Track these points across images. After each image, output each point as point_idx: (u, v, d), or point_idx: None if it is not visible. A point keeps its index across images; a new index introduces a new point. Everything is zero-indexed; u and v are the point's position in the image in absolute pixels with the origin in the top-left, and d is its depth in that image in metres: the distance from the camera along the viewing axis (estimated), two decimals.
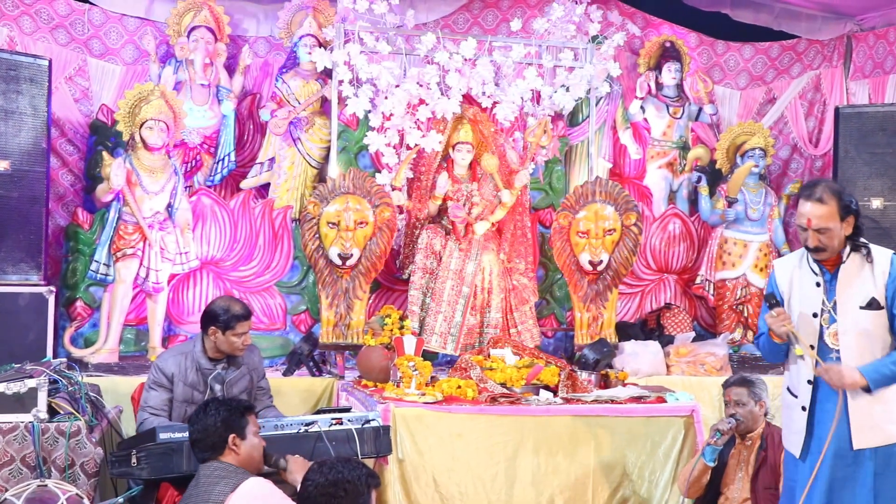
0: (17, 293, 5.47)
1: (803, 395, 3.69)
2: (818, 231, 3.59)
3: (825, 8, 7.87)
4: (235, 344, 4.50)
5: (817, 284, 3.67)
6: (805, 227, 3.61)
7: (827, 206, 3.59)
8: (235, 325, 4.48)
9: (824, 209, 3.59)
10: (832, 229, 3.59)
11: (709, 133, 8.00)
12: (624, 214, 6.36)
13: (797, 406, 3.71)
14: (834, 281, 3.65)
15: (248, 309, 4.61)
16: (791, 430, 3.76)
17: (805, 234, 3.64)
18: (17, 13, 6.74)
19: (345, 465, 3.24)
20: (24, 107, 5.59)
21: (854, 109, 6.79)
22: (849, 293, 3.61)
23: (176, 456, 3.92)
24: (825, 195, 3.60)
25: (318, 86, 7.01)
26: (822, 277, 3.67)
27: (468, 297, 6.33)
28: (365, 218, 5.98)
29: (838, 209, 3.60)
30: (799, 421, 3.70)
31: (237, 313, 4.49)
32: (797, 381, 3.72)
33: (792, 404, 3.76)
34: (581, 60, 6.78)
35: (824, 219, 3.58)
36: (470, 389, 5.21)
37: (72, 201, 6.75)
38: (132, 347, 6.41)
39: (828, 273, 3.67)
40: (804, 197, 3.66)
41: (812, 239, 3.61)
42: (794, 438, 3.73)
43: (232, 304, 4.57)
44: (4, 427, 4.17)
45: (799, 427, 3.70)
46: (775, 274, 3.87)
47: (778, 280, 3.83)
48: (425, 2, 7.37)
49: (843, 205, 3.61)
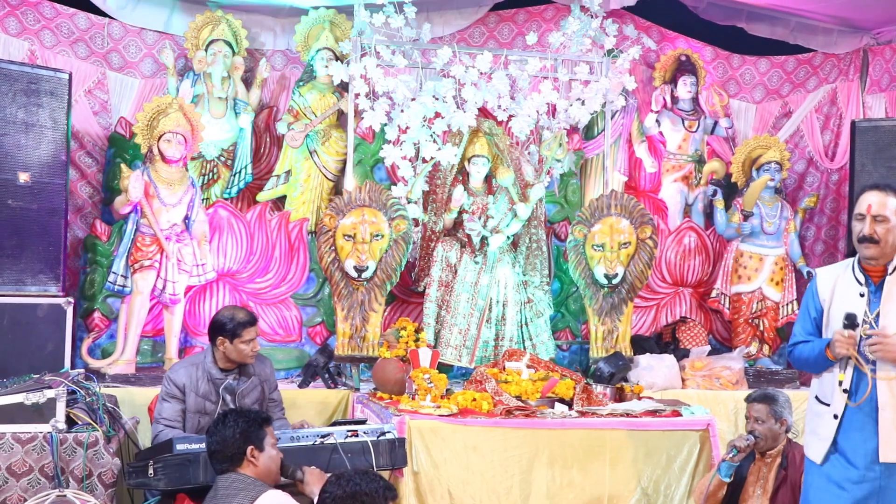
0: (36, 304, 5.50)
1: (837, 404, 3.62)
2: (875, 219, 3.54)
3: (841, 21, 7.86)
4: (244, 351, 4.52)
5: (861, 294, 3.61)
6: (864, 213, 3.55)
7: (890, 198, 3.56)
8: (242, 332, 4.51)
9: (886, 198, 3.55)
10: (890, 221, 3.54)
11: (724, 146, 7.99)
12: (639, 228, 6.36)
13: (828, 414, 3.64)
14: (878, 292, 3.59)
15: (253, 315, 4.65)
16: (817, 437, 3.70)
17: (860, 226, 3.57)
18: (38, 27, 6.81)
19: (362, 477, 3.24)
20: (45, 120, 5.65)
21: (870, 123, 6.78)
22: (892, 305, 3.56)
23: (193, 467, 3.94)
24: (889, 189, 3.59)
25: (335, 99, 7.05)
26: (867, 288, 3.61)
27: (483, 310, 6.34)
28: (381, 230, 6.00)
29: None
30: (827, 428, 3.64)
31: (242, 320, 4.53)
32: (830, 389, 3.65)
33: (821, 412, 3.69)
34: (596, 74, 6.79)
35: (885, 207, 3.54)
36: (485, 402, 5.21)
37: (90, 213, 6.80)
38: (149, 359, 6.44)
39: (872, 284, 3.61)
40: (869, 188, 3.62)
41: (868, 226, 3.54)
42: (817, 445, 3.68)
43: (236, 312, 4.60)
44: (23, 437, 4.20)
45: (826, 434, 3.64)
46: (817, 281, 3.79)
47: (819, 287, 3.76)
48: (441, 16, 7.40)
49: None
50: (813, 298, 3.77)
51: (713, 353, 6.79)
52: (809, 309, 3.79)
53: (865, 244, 3.56)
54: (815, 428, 3.73)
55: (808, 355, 3.73)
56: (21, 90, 5.57)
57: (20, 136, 5.55)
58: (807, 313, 3.80)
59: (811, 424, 3.77)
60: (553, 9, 7.64)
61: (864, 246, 3.57)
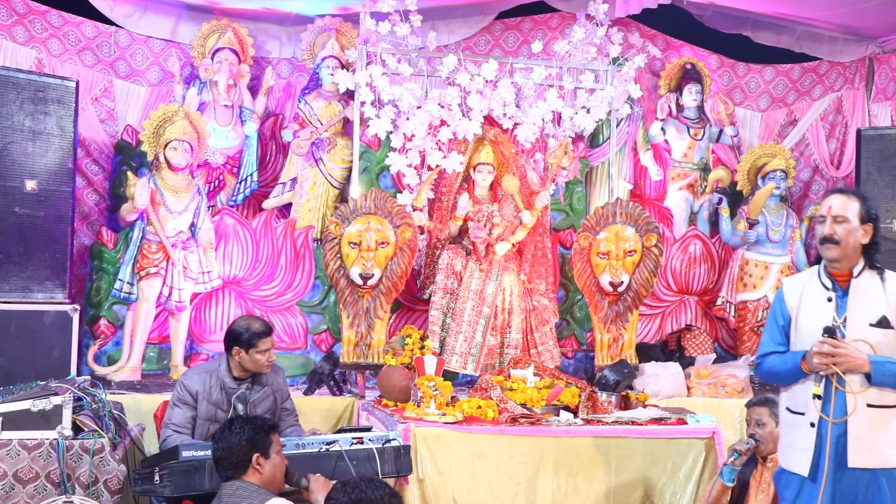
0: (43, 311, 5.53)
1: (811, 411, 3.54)
2: (836, 219, 3.53)
3: (847, 30, 7.87)
4: (260, 361, 4.52)
5: (829, 299, 3.58)
6: (824, 215, 3.55)
7: (851, 201, 3.55)
8: (258, 342, 4.50)
9: (848, 201, 3.55)
10: (850, 222, 3.52)
11: (730, 155, 8.00)
12: (644, 236, 6.36)
13: (804, 423, 3.57)
14: (845, 297, 3.56)
15: (269, 325, 4.62)
16: (797, 449, 3.59)
17: (821, 228, 3.56)
18: (45, 35, 6.84)
19: (368, 484, 3.23)
20: (52, 127, 5.67)
21: (876, 131, 6.77)
22: (860, 309, 3.53)
23: (199, 474, 3.93)
24: (852, 193, 3.61)
25: (341, 107, 7.07)
26: (834, 293, 3.58)
27: (489, 318, 6.34)
28: (386, 238, 6.01)
29: (860, 210, 3.55)
30: (807, 438, 3.55)
31: (258, 331, 4.51)
32: (802, 397, 3.58)
33: (797, 422, 3.61)
34: (602, 82, 6.80)
35: (846, 208, 3.53)
36: (490, 410, 5.21)
37: (96, 220, 6.83)
38: (155, 366, 6.46)
39: (839, 289, 3.58)
40: (831, 192, 3.65)
41: (829, 227, 3.53)
42: (800, 457, 3.58)
43: (252, 323, 4.58)
44: (30, 444, 4.21)
45: (807, 444, 3.55)
46: (784, 290, 3.75)
47: (786, 295, 3.71)
48: (447, 24, 7.43)
49: (865, 208, 3.57)
50: (780, 307, 3.72)
51: (718, 360, 6.79)
52: (777, 318, 3.73)
53: (826, 245, 3.55)
54: (792, 440, 3.63)
55: (780, 368, 3.66)
56: (28, 98, 5.59)
57: (27, 144, 5.58)
58: (774, 323, 3.74)
59: (787, 436, 3.69)
60: (558, 17, 7.67)
61: (825, 247, 3.56)
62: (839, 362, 3.42)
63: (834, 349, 3.41)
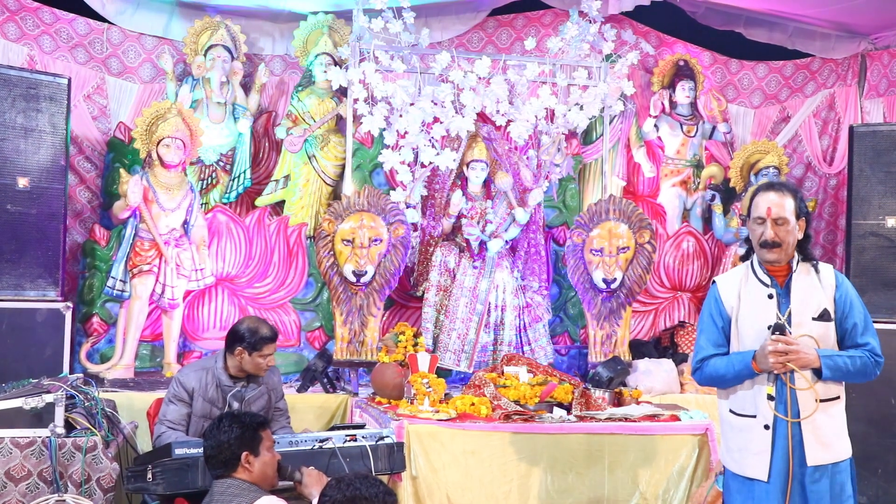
0: (35, 309, 5.52)
1: (764, 413, 3.43)
2: (776, 222, 3.43)
3: (839, 27, 7.88)
4: (261, 365, 4.52)
5: (769, 296, 3.49)
6: (763, 217, 3.45)
7: (787, 198, 3.46)
8: (262, 347, 4.49)
9: (784, 199, 3.46)
10: (790, 222, 3.45)
11: (723, 151, 8.01)
12: (638, 232, 6.37)
13: (757, 426, 3.44)
14: (785, 293, 3.48)
15: (275, 331, 4.62)
16: (750, 453, 3.46)
17: (761, 229, 3.46)
18: (37, 32, 6.82)
19: (362, 481, 3.22)
20: (44, 125, 5.66)
21: (868, 128, 6.77)
22: (802, 304, 3.46)
23: (191, 471, 3.94)
24: (784, 188, 3.50)
25: (334, 104, 7.06)
26: (774, 289, 3.49)
27: (482, 315, 6.35)
28: (379, 235, 6.01)
29: (795, 206, 3.47)
30: (761, 441, 3.43)
31: (265, 335, 4.50)
32: (753, 399, 3.46)
33: (747, 425, 3.48)
34: (595, 79, 6.81)
35: (784, 208, 3.44)
36: (483, 407, 5.22)
37: (89, 218, 6.81)
38: (147, 363, 6.45)
39: (778, 286, 3.50)
40: (764, 189, 3.52)
41: (770, 231, 3.43)
42: (755, 461, 3.45)
43: (260, 326, 4.55)
44: (22, 442, 4.20)
45: (762, 447, 3.43)
46: (718, 289, 3.62)
47: (723, 295, 3.59)
48: (440, 21, 7.41)
49: (799, 202, 3.49)
50: (718, 307, 3.59)
51: None
52: (714, 319, 3.60)
53: (768, 249, 3.46)
54: (743, 444, 3.49)
55: (724, 371, 3.51)
56: (20, 95, 5.58)
57: (19, 141, 5.56)
58: (712, 324, 3.60)
59: (736, 440, 3.53)
60: (552, 14, 7.66)
61: (766, 251, 3.47)
62: (792, 359, 3.35)
63: (787, 347, 3.34)
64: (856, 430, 5.88)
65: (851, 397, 6.06)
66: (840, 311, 3.49)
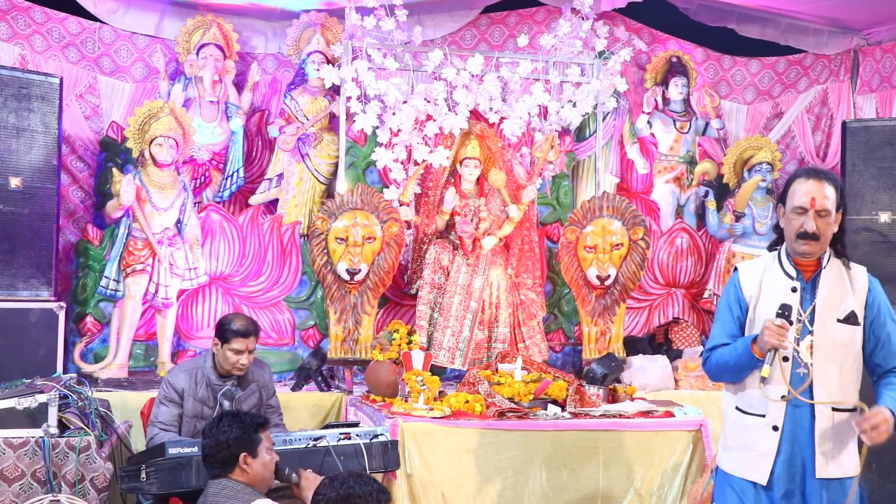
0: (28, 309, 5.51)
1: (774, 413, 3.22)
2: (819, 213, 3.18)
3: (832, 22, 7.89)
4: (231, 359, 4.49)
5: (793, 290, 3.24)
6: (806, 207, 3.18)
7: (829, 188, 3.20)
8: (231, 338, 4.47)
9: (828, 189, 3.20)
10: (831, 214, 3.20)
11: (716, 147, 8.02)
12: (631, 229, 6.37)
13: (765, 426, 3.24)
14: (811, 288, 3.25)
15: (251, 328, 4.57)
16: (753, 454, 3.26)
17: (801, 220, 3.20)
18: (28, 32, 6.80)
19: (356, 480, 3.23)
20: (36, 124, 5.64)
21: (861, 123, 6.79)
22: (828, 303, 3.23)
23: (185, 471, 3.93)
24: (827, 177, 3.23)
25: (327, 102, 7.05)
26: (799, 283, 3.25)
27: (476, 312, 6.34)
28: (373, 233, 6.01)
29: (837, 198, 3.23)
30: (767, 442, 3.23)
31: (236, 328, 4.48)
32: (763, 397, 3.22)
33: (753, 424, 3.27)
34: (588, 76, 6.81)
35: (829, 200, 3.19)
36: (478, 404, 5.22)
37: (82, 217, 6.80)
38: (141, 363, 6.44)
39: (804, 280, 3.26)
40: (804, 176, 3.25)
41: (812, 222, 3.17)
42: (757, 463, 3.25)
43: (236, 319, 4.57)
44: (15, 442, 4.19)
45: (766, 449, 3.23)
46: (739, 276, 3.38)
47: (743, 283, 3.35)
48: (432, 18, 7.41)
49: (841, 194, 3.25)
50: (737, 294, 3.35)
51: None
52: (731, 307, 3.36)
53: (806, 241, 3.20)
54: (746, 444, 3.30)
55: (728, 357, 3.29)
56: (12, 95, 5.56)
57: (11, 141, 5.55)
58: (728, 312, 3.37)
59: (739, 439, 3.34)
60: (544, 11, 7.66)
61: (803, 242, 3.20)
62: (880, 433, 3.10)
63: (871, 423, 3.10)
64: None
65: None
66: (871, 318, 3.26)
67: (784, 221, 3.31)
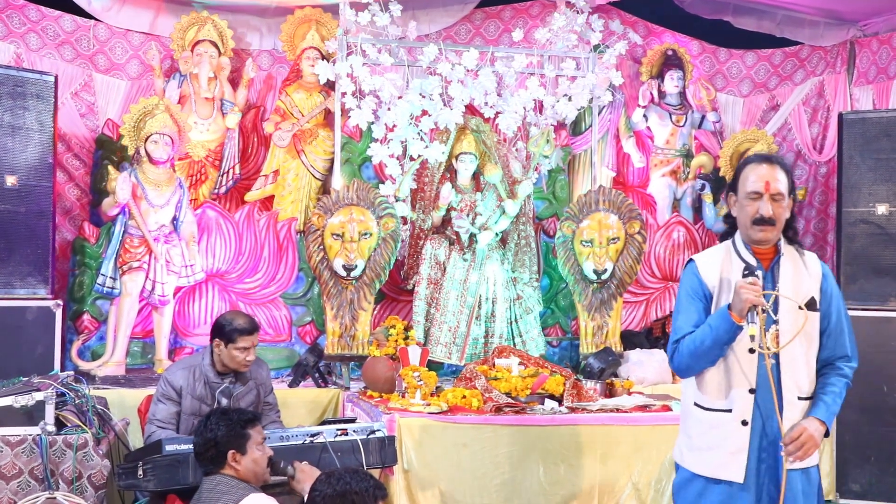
0: (25, 307, 5.50)
1: (742, 407, 3.14)
2: (774, 197, 3.13)
3: (828, 14, 7.88)
4: (237, 358, 4.49)
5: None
6: (760, 192, 3.13)
7: (781, 173, 3.16)
8: (237, 338, 4.47)
9: (782, 174, 3.16)
10: (785, 198, 3.16)
11: (712, 140, 8.01)
12: (628, 223, 6.37)
13: (732, 421, 3.15)
14: (770, 276, 3.19)
15: (254, 324, 4.58)
16: (725, 452, 3.16)
17: (755, 205, 3.13)
18: (23, 30, 6.79)
19: (352, 476, 3.23)
20: (31, 122, 5.63)
21: (858, 115, 6.77)
22: (788, 290, 3.16)
23: (182, 468, 3.93)
24: (778, 161, 3.19)
25: (322, 98, 7.05)
26: (759, 271, 3.15)
27: (473, 307, 6.35)
28: (369, 229, 6.01)
29: (788, 182, 3.18)
30: (737, 439, 3.14)
31: (239, 327, 4.48)
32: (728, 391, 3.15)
33: (719, 421, 3.17)
34: (583, 70, 6.80)
35: (782, 184, 3.14)
36: (475, 399, 5.22)
37: (78, 215, 6.79)
38: (139, 360, 6.44)
39: (763, 268, 3.19)
40: (756, 161, 3.19)
41: (767, 206, 3.12)
42: (730, 461, 3.15)
43: (237, 318, 4.57)
44: (13, 440, 4.19)
45: (738, 446, 3.13)
46: (697, 267, 3.27)
47: (703, 274, 3.25)
48: (427, 13, 7.39)
49: (791, 179, 3.20)
50: (700, 284, 3.24)
51: None
52: (694, 298, 3.24)
53: (762, 226, 3.14)
54: (715, 442, 3.18)
55: (703, 337, 3.12)
56: (7, 93, 5.55)
57: (6, 139, 5.54)
58: (691, 303, 3.24)
59: (704, 438, 3.21)
60: (539, 5, 7.65)
61: (759, 229, 3.14)
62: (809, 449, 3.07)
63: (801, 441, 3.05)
64: (848, 419, 5.96)
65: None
66: (825, 304, 3.23)
67: (737, 209, 3.25)
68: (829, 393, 3.18)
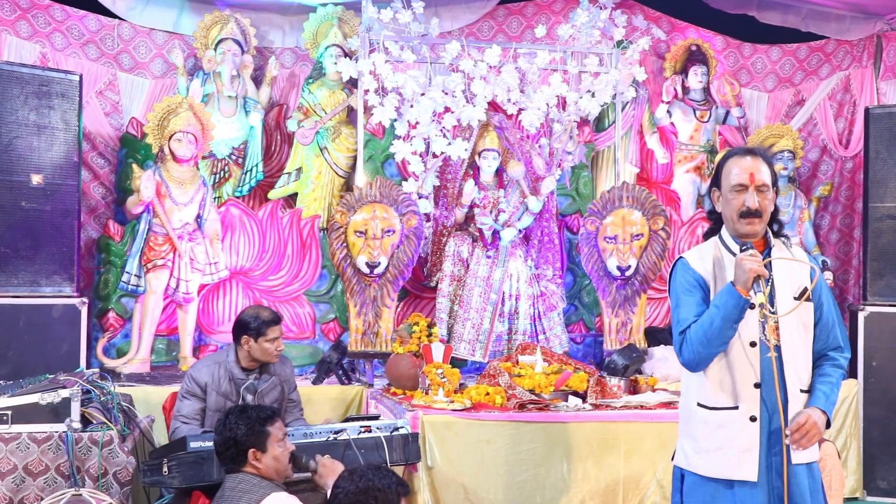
0: (51, 305, 5.56)
1: (749, 403, 3.07)
2: (760, 189, 3.10)
3: (854, 8, 7.79)
4: (269, 350, 4.53)
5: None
6: (745, 184, 3.09)
7: (764, 165, 3.14)
8: (266, 330, 4.51)
9: (765, 166, 3.14)
10: (770, 189, 3.13)
11: (736, 136, 7.95)
12: (651, 219, 6.34)
13: (741, 418, 3.07)
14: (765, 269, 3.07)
15: (278, 314, 4.64)
16: (735, 451, 3.07)
17: (741, 198, 3.09)
18: (48, 30, 6.84)
19: (375, 472, 3.22)
20: (56, 121, 5.68)
21: (885, 110, 6.71)
22: (783, 282, 3.13)
23: (207, 464, 3.95)
24: (760, 154, 3.16)
25: (344, 95, 7.05)
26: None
27: (496, 304, 6.34)
28: (392, 226, 6.01)
29: (772, 174, 3.16)
30: (746, 436, 3.06)
31: (266, 319, 4.52)
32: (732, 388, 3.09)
33: (728, 419, 3.09)
34: (606, 66, 6.77)
35: (766, 175, 3.12)
36: (498, 396, 5.22)
37: (103, 214, 6.83)
38: (163, 357, 6.48)
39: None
40: (738, 154, 3.16)
41: (753, 198, 3.08)
42: (742, 459, 3.06)
43: (261, 311, 4.61)
44: (39, 437, 4.23)
45: (748, 443, 3.06)
46: (690, 263, 3.20)
47: (696, 268, 3.18)
48: (449, 10, 7.39)
49: (773, 172, 3.18)
50: (694, 277, 3.17)
51: None
52: (692, 289, 3.16)
53: (749, 219, 3.09)
54: (723, 442, 3.09)
55: (711, 319, 3.03)
56: (32, 92, 5.60)
57: (32, 139, 5.59)
58: (690, 294, 3.16)
59: (713, 438, 3.12)
60: (561, 1, 7.62)
61: (746, 221, 3.09)
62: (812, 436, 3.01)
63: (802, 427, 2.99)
64: (875, 415, 5.92)
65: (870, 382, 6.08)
66: (817, 295, 3.18)
67: (722, 204, 3.20)
68: (827, 384, 3.14)
